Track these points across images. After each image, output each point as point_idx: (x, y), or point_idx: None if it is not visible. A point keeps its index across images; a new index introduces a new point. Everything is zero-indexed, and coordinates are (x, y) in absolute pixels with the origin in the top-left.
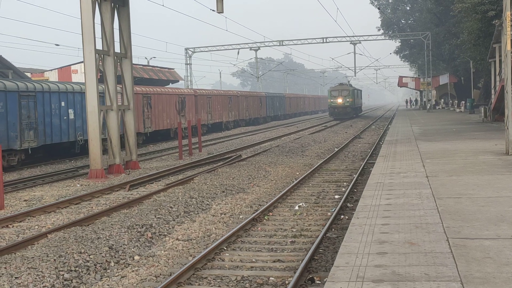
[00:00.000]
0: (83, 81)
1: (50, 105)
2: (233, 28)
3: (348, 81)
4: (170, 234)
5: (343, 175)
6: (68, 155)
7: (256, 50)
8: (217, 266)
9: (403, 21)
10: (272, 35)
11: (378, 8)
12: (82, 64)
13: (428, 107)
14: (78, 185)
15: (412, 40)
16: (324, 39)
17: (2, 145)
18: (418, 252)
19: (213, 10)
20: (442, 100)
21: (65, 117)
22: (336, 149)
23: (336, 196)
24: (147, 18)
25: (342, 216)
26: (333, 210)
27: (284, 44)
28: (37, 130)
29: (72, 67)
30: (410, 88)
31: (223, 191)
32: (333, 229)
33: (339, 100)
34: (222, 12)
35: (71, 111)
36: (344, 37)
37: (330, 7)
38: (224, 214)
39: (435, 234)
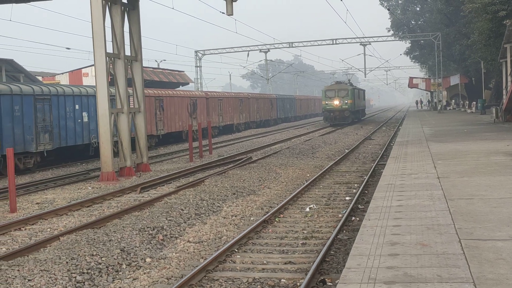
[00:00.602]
0: (94, 84)
1: (65, 108)
2: (242, 30)
3: (349, 80)
4: (181, 236)
5: (353, 176)
6: (82, 158)
7: (266, 52)
8: (228, 268)
9: (413, 22)
10: (282, 37)
11: (388, 9)
12: (93, 67)
13: (439, 108)
14: (90, 188)
15: (422, 41)
16: (334, 41)
17: (19, 148)
18: (430, 253)
19: (222, 13)
20: (453, 100)
21: (79, 120)
22: (347, 151)
23: (347, 198)
24: (157, 22)
25: (353, 218)
26: (344, 211)
27: (294, 45)
28: (52, 133)
29: (83, 71)
30: (420, 89)
31: (234, 193)
32: (344, 231)
33: (336, 102)
34: (232, 15)
35: (85, 114)
36: (354, 38)
37: (340, 9)
38: (235, 216)
39: (447, 235)
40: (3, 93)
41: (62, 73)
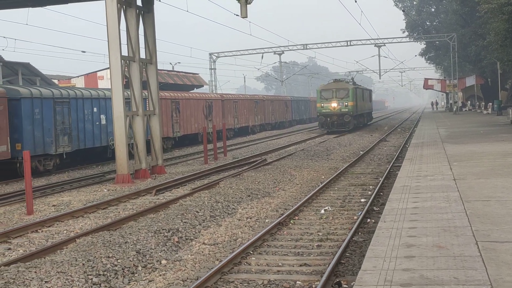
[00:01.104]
0: (109, 87)
1: (83, 111)
2: (257, 33)
3: (352, 78)
4: (196, 238)
5: (369, 178)
6: (99, 160)
7: (280, 54)
8: (243, 270)
9: (428, 23)
10: (296, 39)
11: (403, 10)
12: (108, 70)
13: (454, 109)
14: (105, 190)
15: (437, 42)
16: (349, 42)
17: (39, 150)
18: (446, 255)
19: (237, 15)
20: (469, 102)
21: (97, 123)
22: (362, 152)
23: (362, 200)
24: (172, 24)
25: (368, 220)
26: (359, 213)
27: (308, 47)
28: (71, 135)
29: (98, 74)
30: (436, 90)
31: (249, 195)
32: (359, 233)
33: (333, 105)
34: (246, 17)
35: (103, 116)
36: (369, 39)
37: (354, 10)
38: (250, 218)
39: (464, 237)
40: (24, 97)
41: (78, 76)
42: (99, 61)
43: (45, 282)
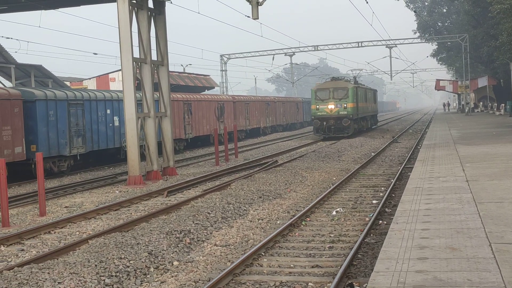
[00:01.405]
0: (121, 89)
1: (97, 112)
2: (268, 34)
3: (354, 76)
4: (208, 239)
5: (380, 180)
6: (112, 161)
7: (291, 56)
8: (255, 272)
9: (439, 24)
10: (307, 40)
11: (414, 11)
12: (120, 72)
13: (466, 111)
14: (117, 192)
15: (449, 43)
16: (360, 43)
17: (53, 152)
18: (460, 257)
19: (248, 17)
20: (481, 103)
21: (110, 124)
22: (373, 154)
23: (374, 201)
24: (183, 26)
25: (380, 222)
26: (371, 215)
27: (319, 49)
28: (85, 137)
29: (110, 75)
30: (447, 91)
31: (260, 197)
32: (371, 235)
33: (330, 106)
34: (257, 18)
35: (116, 118)
36: (380, 40)
37: (366, 11)
38: (262, 219)
39: (477, 239)
40: (39, 99)
41: (90, 78)
42: (110, 63)
43: (58, 283)
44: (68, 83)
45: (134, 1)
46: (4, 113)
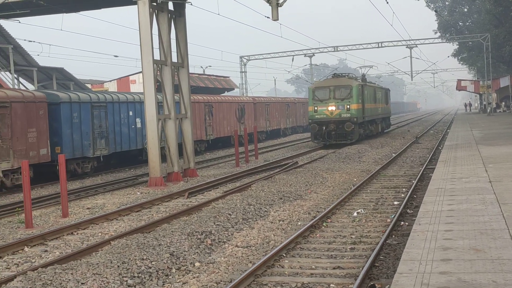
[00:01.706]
0: (141, 91)
1: (120, 114)
2: (287, 35)
3: (363, 74)
4: (229, 241)
5: (401, 181)
6: (133, 163)
7: (310, 57)
8: (277, 273)
9: (460, 23)
10: (327, 40)
11: (435, 11)
12: (140, 74)
13: (488, 111)
14: (138, 193)
15: (470, 43)
16: (380, 44)
17: (77, 153)
18: (484, 258)
19: (267, 17)
20: (503, 103)
21: (133, 126)
22: (394, 155)
23: (395, 202)
24: (203, 28)
25: (402, 223)
26: (392, 216)
27: (338, 49)
28: (108, 138)
29: (131, 78)
30: (469, 91)
31: (281, 198)
32: (393, 236)
33: (331, 108)
34: (277, 20)
35: (138, 120)
36: (400, 41)
37: (386, 11)
38: (282, 221)
39: (502, 240)
40: (63, 101)
41: (110, 81)
42: (131, 65)
43: (81, 283)
44: (89, 85)
45: (155, 4)
46: (30, 115)
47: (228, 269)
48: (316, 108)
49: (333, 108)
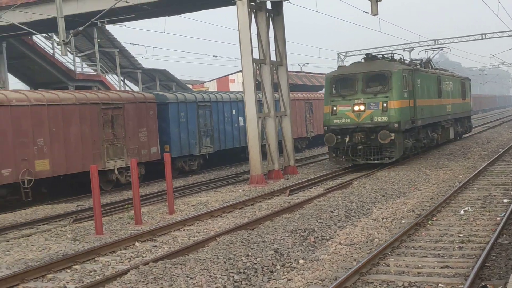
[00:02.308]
0: (240, 90)
1: (223, 113)
2: (386, 29)
3: (429, 57)
4: (332, 238)
5: (510, 178)
6: (234, 160)
7: (410, 51)
8: (382, 271)
9: None
10: (427, 33)
11: None
12: (239, 73)
13: None
14: (240, 191)
15: None
16: (483, 35)
17: (184, 152)
18: None
19: (366, 12)
20: None
21: (236, 124)
22: (501, 150)
23: (505, 200)
24: (300, 25)
25: None
26: (502, 214)
27: (439, 42)
28: (213, 137)
29: (229, 77)
30: None
31: (383, 195)
32: (504, 235)
33: (357, 108)
34: (377, 14)
35: (241, 118)
36: (506, 31)
37: (490, 1)
38: (386, 218)
39: None
40: (171, 101)
41: (210, 80)
42: (229, 65)
43: (190, 278)
44: (190, 86)
45: (253, 3)
46: (141, 115)
47: (333, 266)
48: (334, 108)
49: (361, 107)
